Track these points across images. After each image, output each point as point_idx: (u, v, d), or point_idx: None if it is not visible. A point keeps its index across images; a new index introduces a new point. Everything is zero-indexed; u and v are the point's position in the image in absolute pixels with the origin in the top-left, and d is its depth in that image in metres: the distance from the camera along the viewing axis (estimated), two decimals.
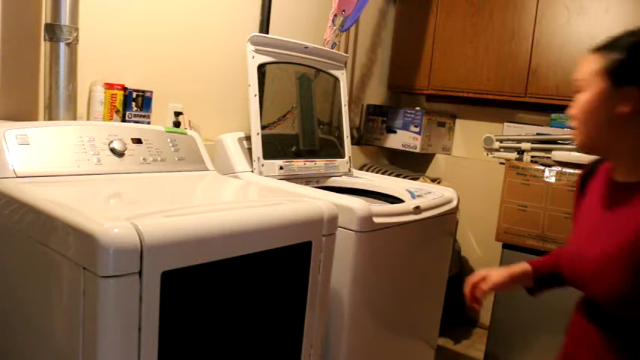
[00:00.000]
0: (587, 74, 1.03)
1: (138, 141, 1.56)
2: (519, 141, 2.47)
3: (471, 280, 1.26)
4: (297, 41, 2.02)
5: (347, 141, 2.33)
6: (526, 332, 2.36)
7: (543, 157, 2.40)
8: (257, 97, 1.88)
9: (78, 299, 0.95)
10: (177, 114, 2.01)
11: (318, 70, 2.18)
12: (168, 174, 1.58)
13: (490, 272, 1.24)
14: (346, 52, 2.83)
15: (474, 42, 2.73)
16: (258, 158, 1.88)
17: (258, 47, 1.89)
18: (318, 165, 2.14)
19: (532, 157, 2.43)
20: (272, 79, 2.00)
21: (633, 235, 0.92)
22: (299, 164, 2.04)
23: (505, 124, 2.75)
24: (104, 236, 0.91)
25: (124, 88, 1.83)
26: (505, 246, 2.41)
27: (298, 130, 2.15)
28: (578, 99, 1.03)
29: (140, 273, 0.95)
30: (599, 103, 0.99)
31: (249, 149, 1.93)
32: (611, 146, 1.00)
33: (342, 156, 2.29)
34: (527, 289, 1.26)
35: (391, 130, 2.97)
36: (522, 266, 1.23)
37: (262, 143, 1.89)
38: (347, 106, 2.34)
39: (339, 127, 2.35)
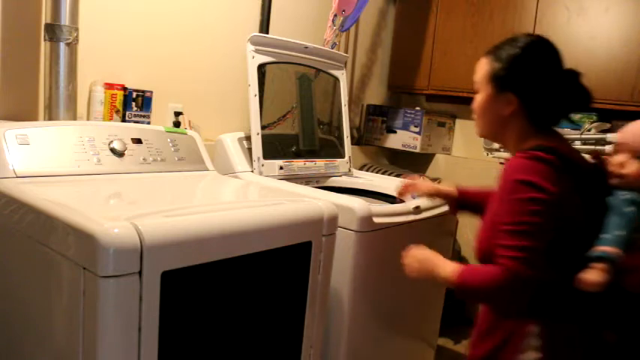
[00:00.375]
0: (480, 77, 1.21)
1: (138, 141, 1.56)
2: None
3: (406, 182, 1.56)
4: (297, 41, 2.02)
5: (347, 141, 2.32)
6: None
7: None
8: (257, 97, 1.88)
9: (78, 299, 0.96)
10: (177, 114, 2.01)
11: (318, 70, 2.18)
12: (168, 174, 1.58)
13: (421, 183, 1.55)
14: (346, 52, 2.83)
15: (474, 42, 2.73)
16: (258, 158, 1.88)
17: (258, 47, 1.89)
18: (318, 165, 2.14)
19: None
20: (272, 79, 2.00)
21: (497, 199, 1.12)
22: (299, 164, 2.04)
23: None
24: (104, 236, 0.91)
25: (124, 88, 1.83)
26: None
27: (298, 130, 2.15)
28: (476, 98, 1.23)
29: (140, 273, 0.95)
30: (489, 104, 1.19)
31: (249, 149, 1.93)
32: (501, 136, 1.23)
33: (342, 156, 2.29)
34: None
35: (391, 130, 2.97)
36: (450, 189, 1.48)
37: (262, 143, 1.89)
38: (347, 106, 2.34)
39: (339, 127, 2.35)
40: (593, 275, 1.04)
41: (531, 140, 1.15)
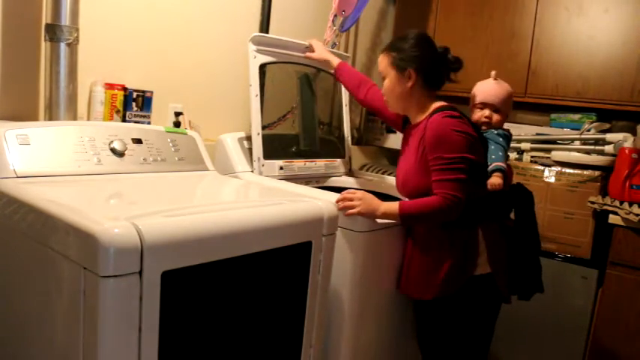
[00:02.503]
0: (383, 67, 1.63)
1: (138, 141, 1.56)
2: (519, 141, 2.47)
3: (308, 43, 2.04)
4: (299, 41, 2.02)
5: (347, 141, 2.32)
6: (526, 332, 2.37)
7: (543, 157, 2.40)
8: (258, 97, 1.88)
9: (78, 299, 0.96)
10: (178, 114, 2.01)
11: (319, 70, 2.18)
12: (168, 174, 1.58)
13: (317, 47, 2.03)
14: (346, 52, 2.83)
15: (474, 42, 2.73)
16: (259, 158, 1.88)
17: (259, 47, 1.90)
18: (318, 165, 2.14)
19: (532, 157, 2.43)
20: (272, 79, 2.00)
21: (418, 147, 1.54)
22: (299, 164, 2.04)
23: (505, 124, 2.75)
24: (104, 236, 0.92)
25: (125, 89, 1.83)
26: None
27: (299, 130, 2.15)
28: (384, 84, 1.64)
29: (140, 273, 0.95)
30: (395, 84, 1.60)
31: (250, 149, 1.93)
32: (408, 107, 1.64)
33: (342, 156, 2.29)
34: None
35: (391, 131, 2.97)
36: (334, 61, 1.99)
37: (262, 143, 1.89)
38: (347, 106, 2.34)
39: (340, 127, 2.35)
40: (496, 180, 1.59)
41: (433, 104, 1.60)
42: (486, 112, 1.72)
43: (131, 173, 1.49)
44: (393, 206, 1.51)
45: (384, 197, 2.03)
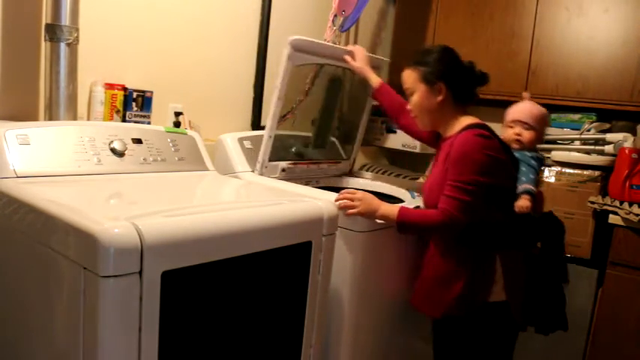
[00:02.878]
0: (411, 83, 1.59)
1: (138, 141, 1.56)
2: None
3: (350, 49, 1.96)
4: (341, 47, 1.98)
5: (358, 142, 2.31)
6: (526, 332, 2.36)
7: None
8: (282, 100, 1.80)
9: (78, 299, 0.96)
10: (178, 114, 2.01)
11: (351, 74, 2.11)
12: (168, 174, 1.58)
13: (359, 54, 1.97)
14: None
15: (474, 42, 2.73)
16: (264, 160, 1.86)
17: (297, 52, 1.77)
18: (321, 167, 2.14)
19: None
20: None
21: (444, 162, 1.51)
22: (302, 167, 2.03)
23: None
24: (104, 236, 0.92)
25: (125, 89, 1.83)
26: None
27: (313, 131, 2.13)
28: (412, 99, 1.60)
29: (140, 273, 0.95)
30: (425, 99, 1.57)
31: (250, 149, 1.93)
32: (438, 122, 1.61)
33: (345, 157, 2.28)
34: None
35: (391, 130, 2.96)
36: (375, 79, 1.94)
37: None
38: (369, 113, 2.32)
39: (351, 128, 2.32)
40: (524, 202, 1.51)
41: (463, 119, 1.57)
42: (517, 129, 1.64)
43: (131, 173, 1.49)
44: (392, 209, 1.51)
45: (385, 197, 2.03)
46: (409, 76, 1.59)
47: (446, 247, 1.55)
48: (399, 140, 2.96)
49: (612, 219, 2.14)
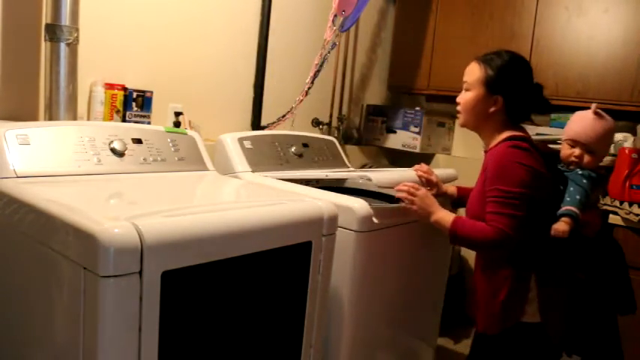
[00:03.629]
0: (473, 80, 1.52)
1: (138, 141, 1.56)
2: None
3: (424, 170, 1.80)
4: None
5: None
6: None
7: None
8: None
9: (78, 299, 0.96)
10: (178, 114, 2.01)
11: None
12: (168, 174, 1.58)
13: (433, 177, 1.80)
14: (346, 52, 2.83)
15: (474, 42, 2.73)
16: None
17: None
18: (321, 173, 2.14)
19: None
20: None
21: (482, 174, 1.48)
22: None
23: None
24: (104, 236, 0.92)
25: (125, 89, 1.83)
26: None
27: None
28: (465, 95, 1.54)
29: (140, 273, 0.95)
30: (478, 102, 1.51)
31: (250, 149, 1.93)
32: (481, 128, 1.56)
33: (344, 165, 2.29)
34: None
35: (391, 131, 2.97)
36: (451, 189, 1.85)
37: (261, 143, 1.87)
38: None
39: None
40: (562, 226, 1.40)
41: (506, 132, 1.50)
42: (577, 151, 1.49)
43: (131, 173, 1.49)
44: (447, 217, 1.49)
45: (385, 197, 2.03)
46: (473, 72, 1.52)
47: (485, 263, 1.53)
48: (399, 140, 2.96)
49: (612, 219, 2.14)
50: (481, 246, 1.45)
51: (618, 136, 2.28)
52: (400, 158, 3.23)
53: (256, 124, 2.35)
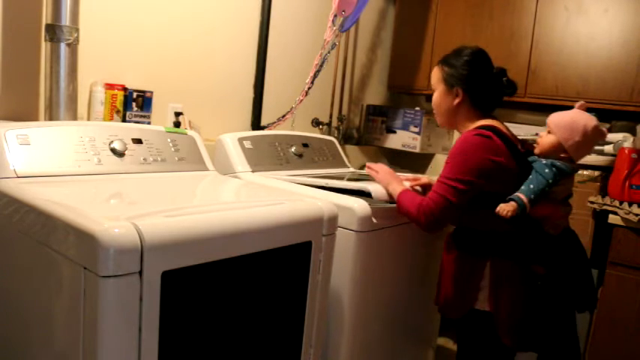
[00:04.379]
0: (434, 81, 1.62)
1: (138, 141, 1.56)
2: None
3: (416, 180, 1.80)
4: None
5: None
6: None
7: None
8: None
9: (78, 299, 0.96)
10: (178, 114, 2.01)
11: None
12: (168, 174, 1.58)
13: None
14: (346, 52, 2.83)
15: (474, 42, 2.70)
16: None
17: None
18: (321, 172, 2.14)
19: None
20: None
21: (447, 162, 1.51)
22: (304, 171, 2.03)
23: (504, 124, 2.75)
24: (105, 236, 0.92)
25: (125, 89, 1.83)
26: None
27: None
28: (434, 96, 1.63)
29: (140, 273, 0.95)
30: (442, 99, 1.60)
31: (250, 149, 1.93)
32: (454, 123, 1.63)
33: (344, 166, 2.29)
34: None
35: (391, 130, 2.97)
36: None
37: (262, 144, 1.87)
38: None
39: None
40: (506, 206, 1.42)
41: (477, 122, 1.56)
42: (542, 133, 1.55)
43: (131, 173, 1.49)
44: (398, 189, 1.60)
45: None
46: (434, 74, 1.63)
47: (447, 248, 1.60)
48: (399, 140, 2.96)
49: (612, 219, 2.14)
50: (412, 220, 1.53)
51: (618, 136, 2.28)
52: (400, 158, 3.23)
53: (256, 124, 2.36)
